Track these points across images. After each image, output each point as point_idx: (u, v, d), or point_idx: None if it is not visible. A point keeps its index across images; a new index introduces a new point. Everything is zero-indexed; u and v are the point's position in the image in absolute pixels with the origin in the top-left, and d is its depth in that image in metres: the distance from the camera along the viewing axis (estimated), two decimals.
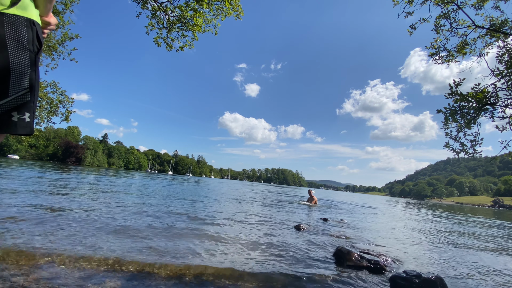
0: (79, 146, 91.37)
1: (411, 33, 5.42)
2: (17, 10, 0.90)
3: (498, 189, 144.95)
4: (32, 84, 0.95)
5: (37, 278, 2.26)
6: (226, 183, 49.11)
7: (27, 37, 0.92)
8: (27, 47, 0.92)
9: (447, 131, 4.29)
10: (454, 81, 3.94)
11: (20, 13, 0.91)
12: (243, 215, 7.48)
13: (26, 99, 0.93)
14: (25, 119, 0.95)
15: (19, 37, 0.89)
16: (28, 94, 0.94)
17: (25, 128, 0.95)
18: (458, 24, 5.06)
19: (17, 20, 0.90)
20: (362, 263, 3.47)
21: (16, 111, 0.92)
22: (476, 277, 3.76)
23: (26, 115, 0.95)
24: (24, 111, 0.94)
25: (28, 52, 0.92)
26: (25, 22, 0.92)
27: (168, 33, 6.27)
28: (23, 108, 0.94)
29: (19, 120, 0.93)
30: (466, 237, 7.91)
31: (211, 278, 2.67)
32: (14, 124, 0.92)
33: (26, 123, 0.95)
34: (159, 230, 4.45)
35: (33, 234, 3.47)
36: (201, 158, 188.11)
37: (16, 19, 0.90)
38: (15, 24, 0.89)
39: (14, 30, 0.88)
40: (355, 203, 22.74)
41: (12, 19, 0.88)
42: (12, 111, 0.91)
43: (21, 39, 0.90)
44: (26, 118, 0.95)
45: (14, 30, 0.88)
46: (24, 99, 0.93)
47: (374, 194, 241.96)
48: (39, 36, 0.99)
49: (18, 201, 5.75)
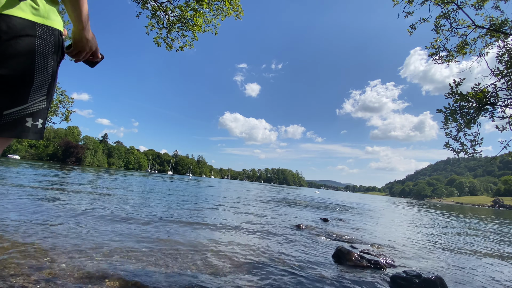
0: (79, 146, 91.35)
1: (411, 33, 5.42)
2: (47, 21, 0.94)
3: (498, 189, 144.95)
4: (50, 92, 0.98)
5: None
6: (226, 183, 49.13)
7: (53, 48, 0.95)
8: (52, 57, 0.95)
9: (447, 131, 4.29)
10: (454, 81, 3.94)
11: (52, 24, 0.96)
12: (244, 214, 7.48)
13: (42, 106, 0.96)
14: (38, 125, 0.96)
15: (47, 48, 0.93)
16: (45, 101, 0.97)
17: (36, 134, 0.97)
18: (458, 24, 5.05)
19: (48, 31, 0.93)
20: (362, 263, 3.46)
21: (31, 117, 0.93)
22: (476, 277, 3.76)
23: (39, 122, 0.97)
24: (38, 117, 0.96)
25: (52, 63, 0.95)
26: (55, 33, 0.96)
27: (168, 33, 6.27)
28: (37, 115, 0.95)
29: (32, 126, 0.94)
30: (465, 237, 7.91)
31: (212, 277, 2.67)
32: (27, 130, 0.93)
33: (38, 129, 0.97)
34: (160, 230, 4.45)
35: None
36: (201, 158, 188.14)
37: (48, 30, 0.93)
38: (47, 35, 0.92)
39: (45, 41, 0.92)
40: (355, 203, 22.75)
41: (44, 30, 0.92)
42: (27, 117, 0.92)
43: (49, 50, 0.93)
44: (39, 125, 0.97)
45: (45, 41, 0.92)
46: (40, 106, 0.95)
47: (374, 194, 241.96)
48: (63, 47, 1.02)
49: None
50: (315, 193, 43.23)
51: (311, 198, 21.68)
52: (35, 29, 0.89)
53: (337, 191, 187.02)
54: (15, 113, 0.89)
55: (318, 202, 17.15)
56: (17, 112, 0.90)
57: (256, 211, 8.70)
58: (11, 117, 0.89)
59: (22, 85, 0.89)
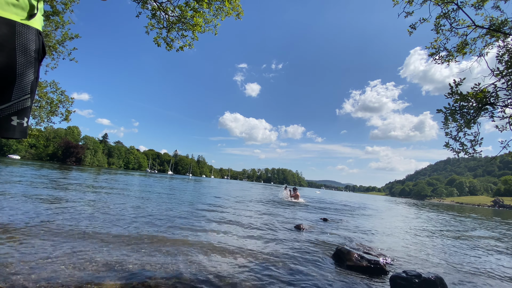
0: (79, 146, 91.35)
1: (411, 33, 5.42)
2: (29, 21, 0.95)
3: (498, 189, 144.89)
4: (33, 91, 0.99)
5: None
6: (226, 183, 49.13)
7: (34, 47, 0.96)
8: (34, 56, 0.96)
9: (447, 131, 4.28)
10: (454, 81, 3.94)
11: (31, 23, 0.96)
12: (244, 214, 7.48)
13: (26, 104, 0.96)
14: (23, 123, 0.97)
15: (28, 47, 0.93)
16: (28, 100, 0.97)
17: (22, 132, 0.98)
18: (458, 24, 5.05)
19: (27, 30, 0.94)
20: (362, 263, 3.46)
21: (16, 116, 0.94)
22: (476, 276, 3.76)
23: (25, 120, 0.97)
24: (23, 116, 0.96)
25: (33, 61, 0.96)
26: (34, 32, 0.97)
27: (168, 33, 6.27)
28: (22, 113, 0.96)
29: (18, 124, 0.95)
30: (465, 237, 7.91)
31: (211, 277, 2.67)
32: (13, 128, 0.93)
33: (23, 128, 0.98)
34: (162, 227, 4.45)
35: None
36: (201, 158, 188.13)
37: (27, 29, 0.94)
38: (26, 34, 0.93)
39: (24, 40, 0.92)
40: (355, 203, 22.75)
41: (23, 29, 0.92)
42: (12, 116, 0.92)
43: (30, 48, 0.94)
44: (24, 123, 0.98)
45: (24, 39, 0.92)
46: (25, 104, 0.96)
47: (374, 194, 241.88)
48: (44, 46, 1.03)
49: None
50: (317, 193, 43.20)
51: (313, 198, 21.68)
52: (15, 28, 0.90)
53: (337, 191, 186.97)
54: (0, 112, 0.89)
55: (318, 202, 17.16)
56: (2, 110, 0.89)
57: (256, 211, 8.70)
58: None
59: (5, 84, 0.89)
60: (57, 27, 7.84)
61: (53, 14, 7.24)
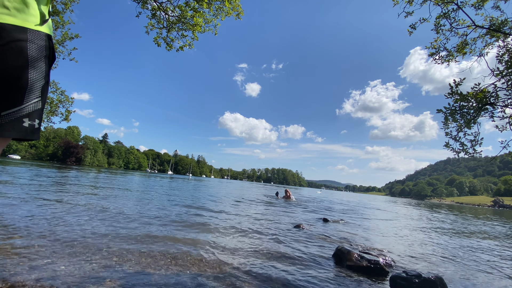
0: (79, 146, 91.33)
1: (411, 33, 5.42)
2: (40, 27, 0.99)
3: (498, 189, 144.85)
4: (44, 93, 1.04)
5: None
6: (226, 183, 49.14)
7: (45, 52, 1.01)
8: (44, 61, 1.01)
9: (447, 130, 4.29)
10: (454, 81, 3.94)
11: (42, 29, 1.00)
12: (244, 214, 7.48)
13: (37, 106, 1.01)
14: (34, 125, 1.01)
15: (39, 52, 0.98)
16: (39, 102, 1.01)
17: (34, 134, 1.02)
18: (458, 24, 5.06)
19: (39, 36, 0.99)
20: (362, 263, 3.46)
21: (27, 118, 0.98)
22: (476, 276, 3.76)
23: (36, 122, 1.01)
24: (34, 117, 1.01)
25: (44, 66, 1.01)
26: (45, 37, 1.01)
27: (168, 33, 6.27)
28: (34, 115, 1.00)
29: (30, 126, 0.99)
30: (466, 237, 7.91)
31: (211, 278, 2.67)
32: (25, 130, 0.97)
33: (35, 129, 1.02)
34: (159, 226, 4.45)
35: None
36: (201, 158, 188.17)
37: (38, 35, 0.98)
38: (37, 40, 0.98)
39: (36, 46, 0.97)
40: (355, 203, 22.75)
41: (35, 35, 0.97)
42: (24, 118, 0.97)
43: (41, 54, 0.99)
44: (36, 125, 1.02)
45: (36, 46, 0.97)
46: (36, 106, 1.00)
47: (374, 194, 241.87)
48: (54, 50, 1.08)
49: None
50: (318, 193, 43.12)
51: (313, 198, 21.68)
52: (26, 35, 0.94)
53: (337, 191, 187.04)
54: (12, 114, 0.94)
55: (318, 202, 17.16)
56: (14, 113, 0.94)
57: (256, 211, 8.70)
58: (9, 118, 0.93)
59: (17, 87, 0.93)
60: (57, 27, 7.84)
61: (53, 14, 7.24)
